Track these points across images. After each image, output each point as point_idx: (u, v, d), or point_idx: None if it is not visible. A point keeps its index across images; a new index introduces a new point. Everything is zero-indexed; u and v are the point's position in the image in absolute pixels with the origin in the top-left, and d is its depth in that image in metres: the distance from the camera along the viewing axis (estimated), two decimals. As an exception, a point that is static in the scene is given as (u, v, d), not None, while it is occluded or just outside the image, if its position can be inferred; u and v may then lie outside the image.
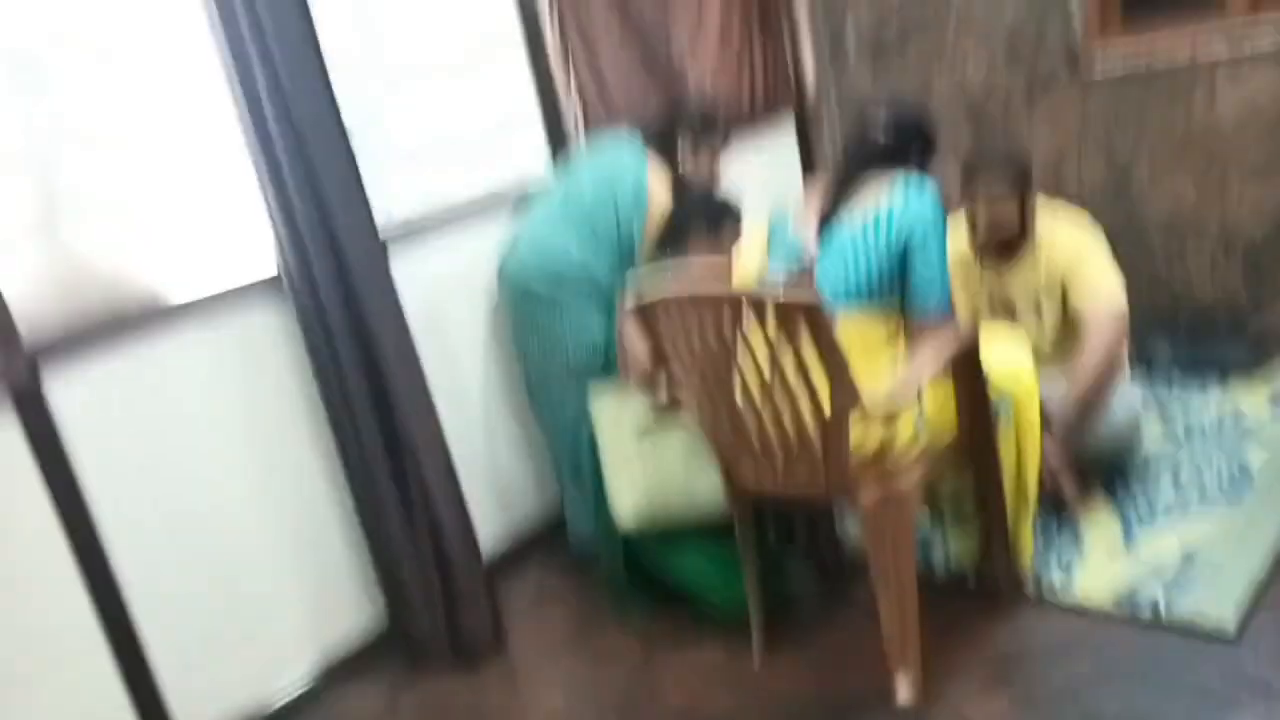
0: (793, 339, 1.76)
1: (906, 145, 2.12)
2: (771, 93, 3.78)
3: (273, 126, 2.09)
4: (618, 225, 2.60)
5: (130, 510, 2.11)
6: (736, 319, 1.79)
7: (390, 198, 2.61)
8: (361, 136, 2.48)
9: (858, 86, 3.87)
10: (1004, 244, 2.58)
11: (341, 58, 2.35)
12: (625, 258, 2.61)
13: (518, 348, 2.78)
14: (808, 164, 4.01)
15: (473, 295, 2.81)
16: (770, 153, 3.86)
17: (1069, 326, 2.57)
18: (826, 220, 2.04)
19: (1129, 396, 2.59)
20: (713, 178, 2.78)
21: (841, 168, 2.10)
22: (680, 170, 2.69)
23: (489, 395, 2.88)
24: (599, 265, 2.60)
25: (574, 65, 3.02)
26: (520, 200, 2.86)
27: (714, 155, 2.77)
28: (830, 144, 3.98)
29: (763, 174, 3.78)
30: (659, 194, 2.62)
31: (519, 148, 2.99)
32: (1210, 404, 2.95)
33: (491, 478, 2.88)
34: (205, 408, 2.26)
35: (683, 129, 2.72)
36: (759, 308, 1.75)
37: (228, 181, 2.28)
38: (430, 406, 2.36)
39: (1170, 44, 3.14)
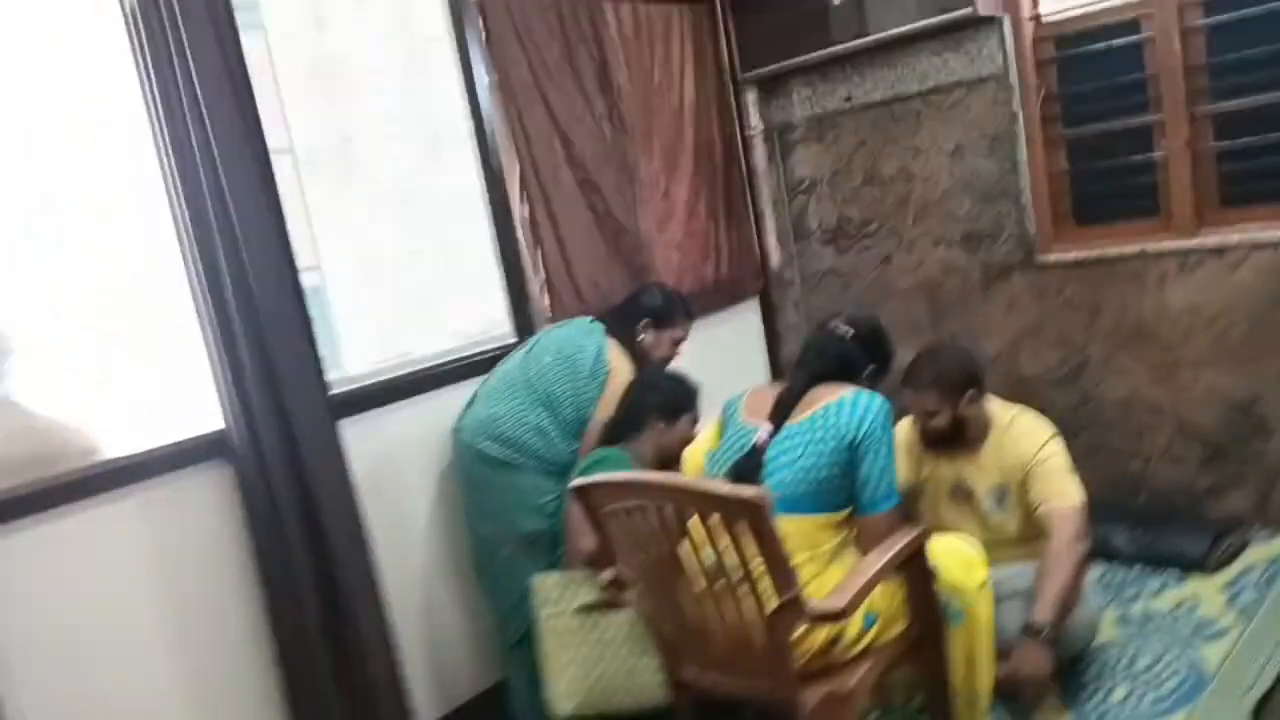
0: (735, 534, 1.74)
1: (861, 365, 2.20)
2: (736, 272, 3.89)
3: (226, 279, 2.11)
4: (574, 396, 2.62)
5: (43, 688, 2.01)
6: (680, 510, 1.78)
7: (349, 354, 2.64)
8: (324, 291, 2.53)
9: (821, 266, 3.99)
10: (949, 441, 2.60)
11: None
12: (580, 430, 2.62)
13: (467, 510, 2.74)
14: (772, 340, 4.09)
15: (427, 457, 2.78)
16: (734, 330, 3.94)
17: (1030, 520, 2.56)
18: (779, 421, 2.06)
19: (1087, 591, 2.56)
20: (664, 360, 2.83)
21: (796, 378, 2.14)
22: (639, 352, 2.74)
23: (437, 561, 2.81)
24: (554, 434, 2.60)
25: (540, 240, 3.10)
26: (480, 365, 2.89)
27: (673, 342, 2.84)
28: (795, 319, 4.07)
29: (727, 350, 3.86)
30: (619, 370, 2.66)
31: (482, 316, 3.03)
32: (1167, 593, 2.92)
33: (432, 647, 2.78)
34: (135, 574, 2.19)
35: (644, 314, 2.78)
36: (701, 501, 1.74)
37: (176, 332, 2.27)
38: (373, 579, 2.31)
39: (1120, 242, 3.27)
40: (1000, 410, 2.64)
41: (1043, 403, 3.42)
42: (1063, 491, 2.46)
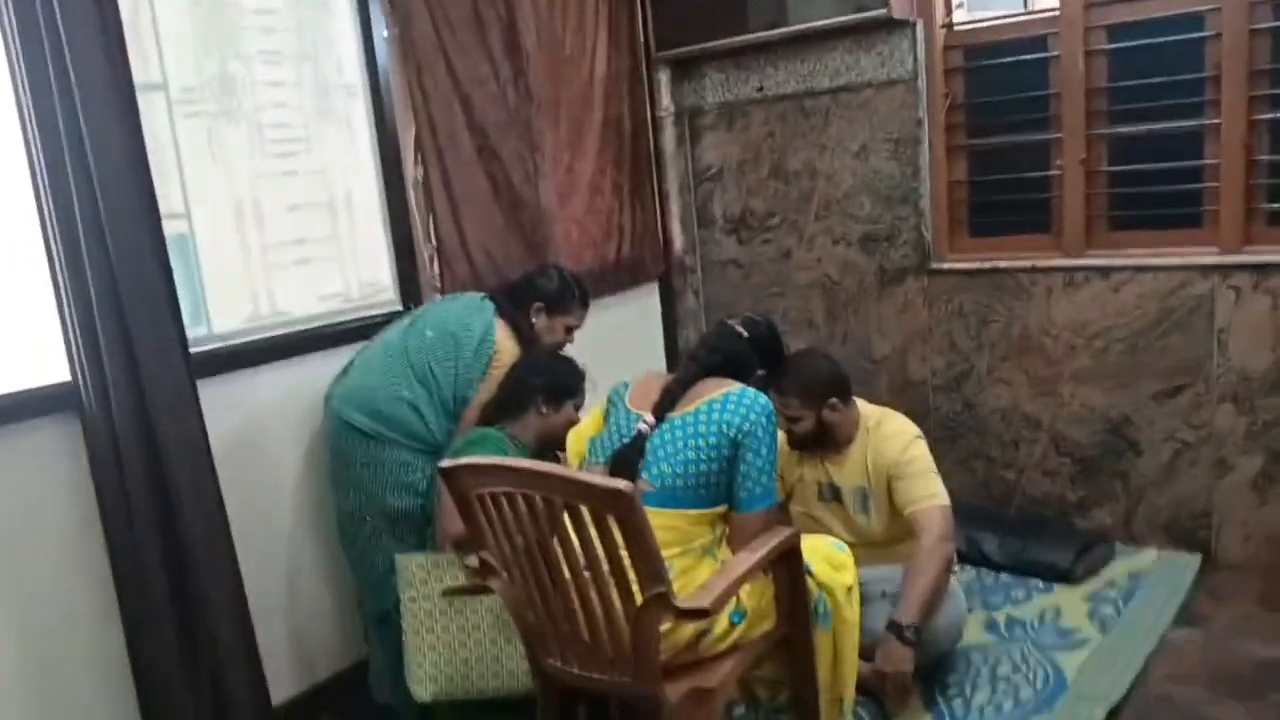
0: (603, 525, 1.68)
1: (751, 366, 2.19)
2: (638, 254, 3.82)
3: (79, 220, 1.94)
4: (455, 375, 2.51)
5: None
6: (549, 498, 1.71)
7: (217, 310, 2.48)
8: (192, 241, 2.37)
9: (722, 255, 3.96)
10: (813, 444, 2.62)
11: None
12: (458, 411, 2.51)
13: (333, 482, 2.60)
14: (670, 326, 4.05)
15: (296, 424, 2.65)
16: (633, 312, 3.88)
17: (896, 521, 2.59)
18: (663, 411, 2.01)
19: (954, 595, 2.59)
20: (555, 346, 2.74)
21: (686, 370, 2.10)
22: (528, 334, 2.64)
23: (301, 532, 2.68)
24: (428, 411, 2.49)
25: (433, 205, 2.98)
26: (360, 330, 2.75)
27: (565, 329, 2.75)
28: (694, 306, 4.04)
29: (624, 333, 3.80)
30: (505, 351, 2.55)
31: (365, 279, 2.90)
32: (1032, 601, 2.99)
33: (292, 621, 2.66)
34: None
35: (538, 295, 2.69)
36: (569, 490, 1.68)
37: (26, 273, 2.09)
38: (226, 549, 2.19)
39: (1011, 255, 3.33)
40: (867, 412, 2.67)
41: (926, 407, 3.50)
42: (929, 493, 2.50)
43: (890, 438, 2.59)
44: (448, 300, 2.76)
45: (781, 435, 2.68)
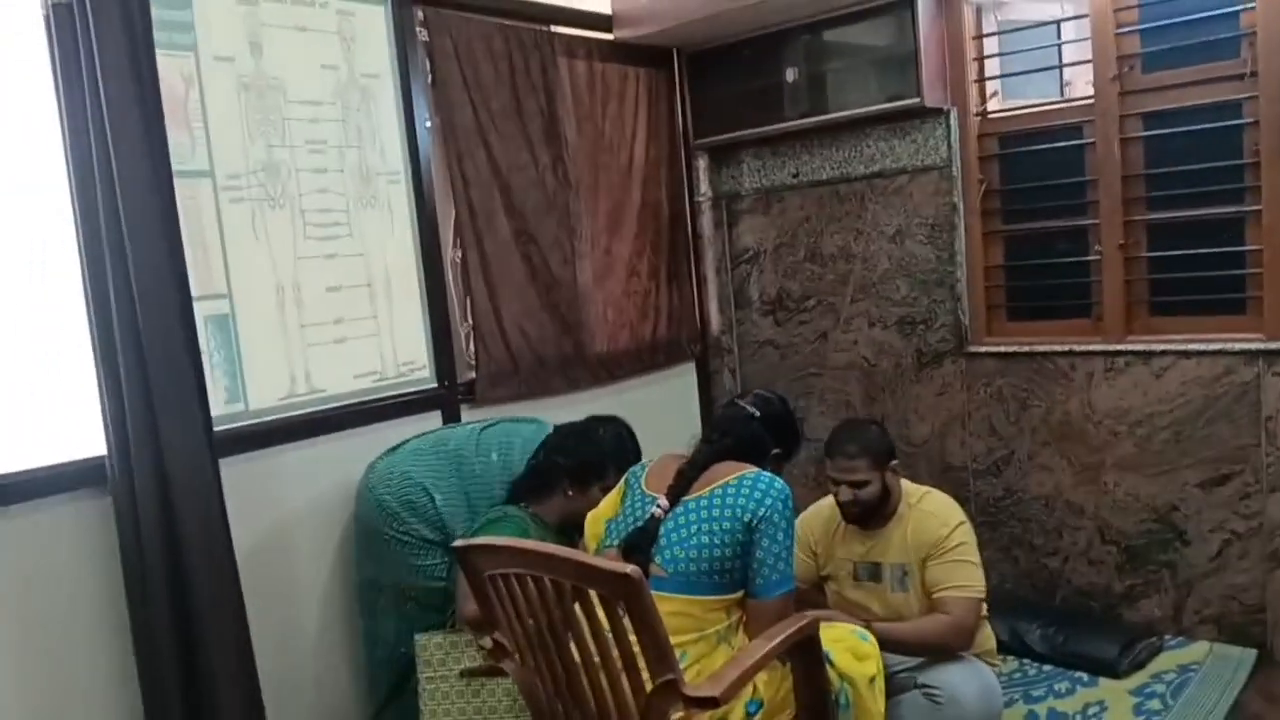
0: (612, 610, 1.67)
1: (766, 446, 2.17)
2: (674, 335, 3.86)
3: (112, 300, 2.03)
4: (491, 499, 2.56)
5: None
6: (557, 580, 1.71)
7: (256, 387, 2.55)
8: (232, 320, 2.46)
9: (759, 336, 3.98)
10: (871, 514, 2.56)
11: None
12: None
13: (358, 551, 2.65)
14: (706, 406, 4.05)
15: (324, 502, 2.68)
16: (668, 392, 3.89)
17: (930, 603, 2.53)
18: (678, 494, 2.00)
19: (990, 687, 2.50)
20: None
21: (700, 453, 2.09)
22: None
23: (321, 612, 2.70)
24: (455, 516, 2.53)
25: (470, 286, 3.05)
26: (394, 408, 2.81)
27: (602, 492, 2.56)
28: (731, 387, 4.04)
29: (659, 413, 3.80)
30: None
31: (402, 359, 2.95)
32: (1075, 694, 2.88)
33: (305, 705, 2.65)
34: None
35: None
36: (578, 573, 1.67)
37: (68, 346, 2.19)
38: (238, 630, 2.20)
39: (1050, 339, 3.29)
40: (909, 488, 2.62)
41: (967, 492, 3.44)
42: (962, 582, 2.43)
43: (932, 515, 2.53)
44: (522, 424, 2.82)
45: (826, 510, 2.67)
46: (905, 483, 2.65)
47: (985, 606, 2.64)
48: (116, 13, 2.06)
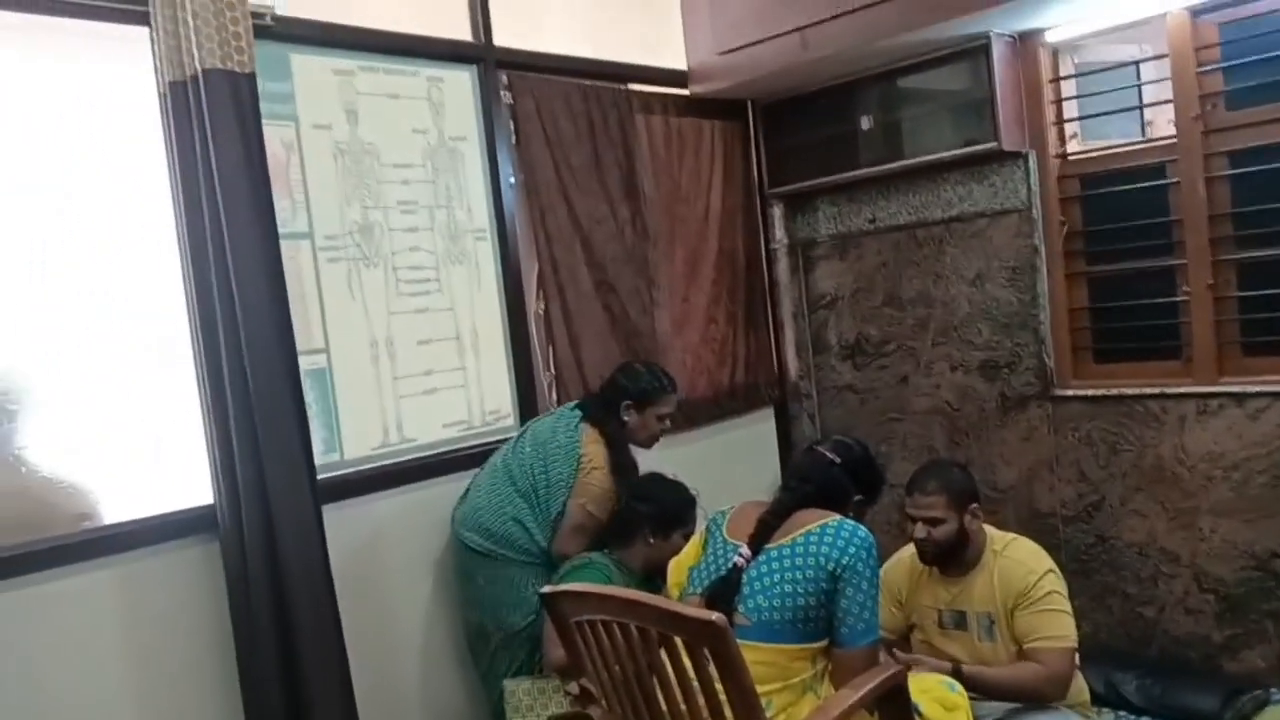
0: (697, 656, 1.69)
1: (848, 492, 2.16)
2: (752, 380, 3.88)
3: (223, 358, 2.16)
4: (548, 487, 2.61)
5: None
6: (643, 627, 1.74)
7: (351, 438, 2.66)
8: (329, 374, 2.57)
9: (838, 381, 3.98)
10: (949, 556, 2.53)
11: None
12: (556, 522, 2.60)
13: (461, 601, 2.73)
14: (785, 452, 4.06)
15: (418, 546, 2.78)
16: (748, 438, 3.91)
17: (1020, 653, 2.47)
18: (760, 542, 2.02)
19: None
20: (652, 438, 2.80)
21: (780, 502, 2.09)
22: (622, 434, 2.72)
23: (416, 653, 2.77)
24: (533, 525, 2.60)
25: (553, 336, 3.14)
26: (481, 456, 2.89)
27: (658, 419, 2.79)
28: (810, 432, 4.04)
29: (739, 459, 3.83)
30: (592, 456, 2.63)
31: (488, 408, 3.04)
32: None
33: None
34: (111, 645, 2.18)
35: (623, 394, 2.75)
36: (663, 620, 1.70)
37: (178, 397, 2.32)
38: (339, 673, 2.27)
39: (1139, 382, 3.23)
40: (994, 536, 2.57)
41: (1057, 539, 3.38)
42: (1057, 633, 2.37)
43: (1020, 563, 2.47)
44: (545, 416, 2.87)
45: (907, 559, 2.64)
46: (991, 530, 2.60)
47: (1077, 656, 2.59)
48: (227, 87, 2.21)
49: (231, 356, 2.15)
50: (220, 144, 2.18)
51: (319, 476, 2.44)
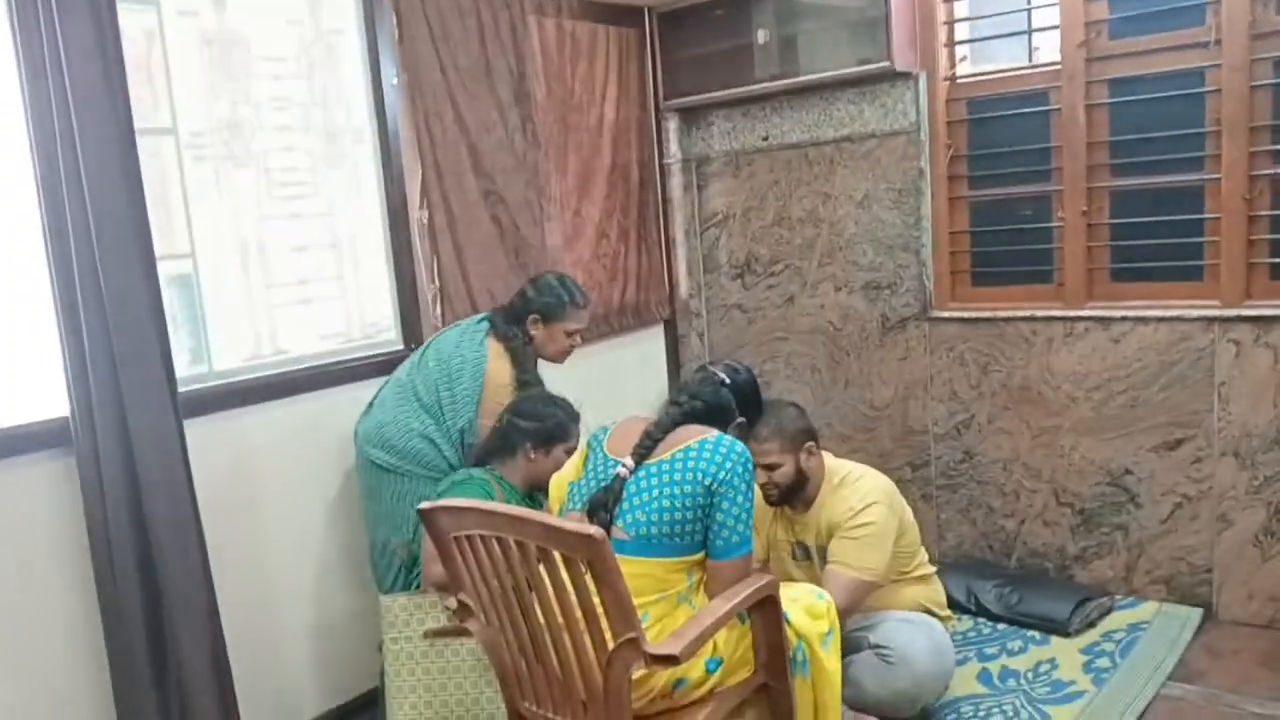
0: (576, 570, 1.70)
1: (730, 414, 2.18)
2: (643, 297, 3.87)
3: (74, 260, 2.01)
4: (453, 402, 2.57)
5: None
6: (521, 541, 1.74)
7: (220, 349, 2.54)
8: (196, 280, 2.44)
9: (727, 300, 4.00)
10: (791, 495, 2.59)
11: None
12: (465, 438, 2.56)
13: (365, 518, 2.68)
14: (674, 369, 4.08)
15: (295, 462, 2.69)
16: (637, 355, 3.92)
17: None
18: (641, 457, 2.02)
19: (942, 647, 2.57)
20: (561, 353, 2.77)
21: (666, 415, 2.09)
22: (527, 350, 2.68)
23: (290, 571, 2.72)
24: (442, 441, 2.56)
25: (437, 247, 3.04)
26: (361, 369, 2.82)
27: (565, 335, 2.75)
28: (699, 349, 4.07)
29: (628, 375, 3.83)
30: (496, 372, 2.60)
31: (367, 319, 2.95)
32: (1027, 653, 2.96)
33: (274, 667, 2.68)
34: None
35: (531, 308, 2.71)
36: (542, 534, 1.70)
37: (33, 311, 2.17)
38: (204, 591, 2.21)
39: (1012, 305, 3.34)
40: (836, 469, 2.63)
41: (927, 455, 3.51)
42: (854, 562, 2.44)
43: (845, 498, 2.54)
44: (449, 329, 2.80)
45: (758, 494, 2.68)
46: (833, 463, 2.64)
47: (929, 565, 2.72)
48: (75, -36, 2.02)
49: (83, 259, 2.00)
50: (69, 29, 1.99)
51: (184, 389, 2.34)
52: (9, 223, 2.15)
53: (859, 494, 2.53)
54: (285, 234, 2.69)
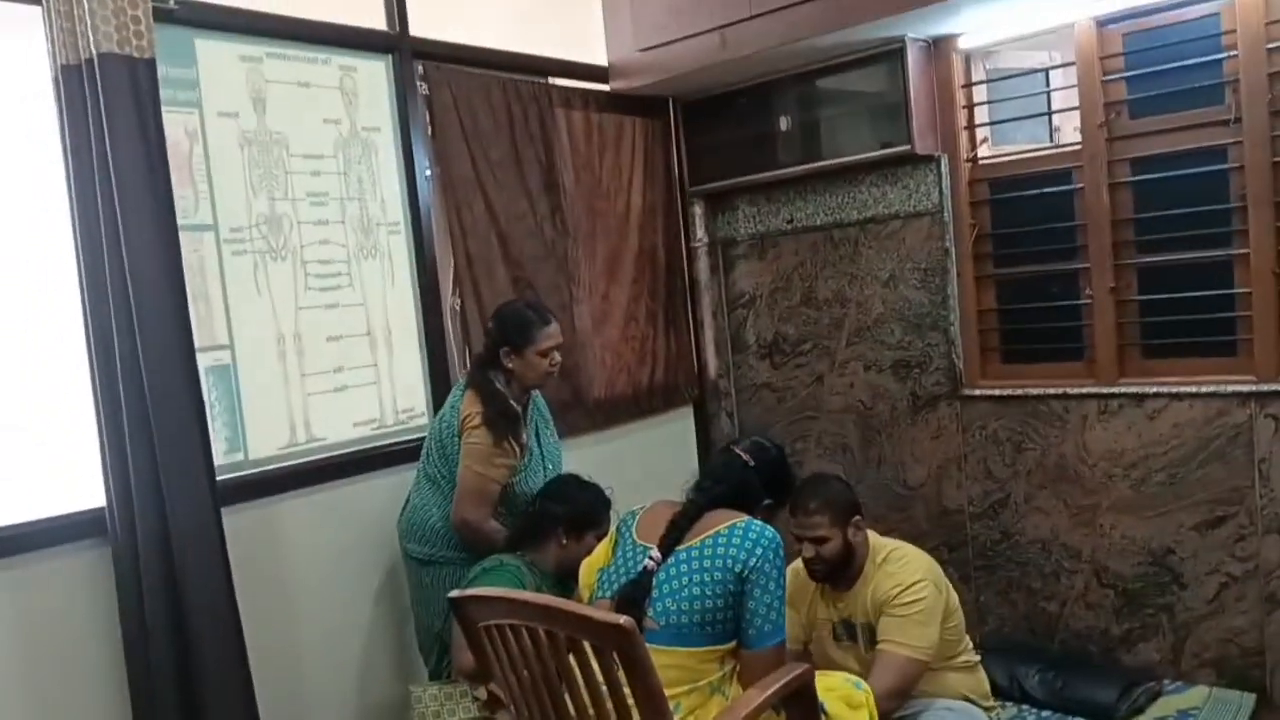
0: (605, 660, 1.68)
1: (758, 495, 2.16)
2: (672, 379, 3.89)
3: (117, 354, 2.07)
4: (449, 470, 2.57)
5: None
6: (551, 631, 1.72)
7: (256, 437, 2.58)
8: (233, 371, 2.51)
9: (756, 379, 4.01)
10: (837, 571, 2.55)
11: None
12: None
13: (410, 602, 2.70)
14: (704, 449, 4.07)
15: (327, 548, 2.71)
16: (667, 436, 3.92)
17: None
18: (670, 543, 2.01)
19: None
20: (544, 376, 2.68)
21: (692, 503, 2.08)
22: (493, 386, 2.61)
23: (337, 652, 2.71)
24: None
25: (468, 333, 3.09)
26: (395, 455, 2.86)
27: (540, 356, 2.63)
28: (729, 430, 4.07)
29: (657, 457, 3.83)
30: (471, 415, 2.55)
31: (401, 407, 2.98)
32: (1076, 742, 2.88)
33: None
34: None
35: (500, 343, 2.63)
36: (571, 624, 1.69)
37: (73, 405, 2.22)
38: (241, 680, 2.20)
39: (1044, 383, 3.32)
40: (877, 545, 2.60)
41: (963, 536, 3.45)
42: (905, 641, 2.40)
43: (893, 574, 2.50)
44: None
45: (802, 571, 2.66)
46: (876, 540, 2.62)
47: (974, 652, 2.66)
48: (124, 73, 2.12)
49: (125, 352, 2.06)
50: (116, 132, 2.09)
51: (222, 477, 2.37)
52: (54, 312, 2.22)
53: (907, 570, 2.49)
54: (321, 324, 2.75)
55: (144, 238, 2.08)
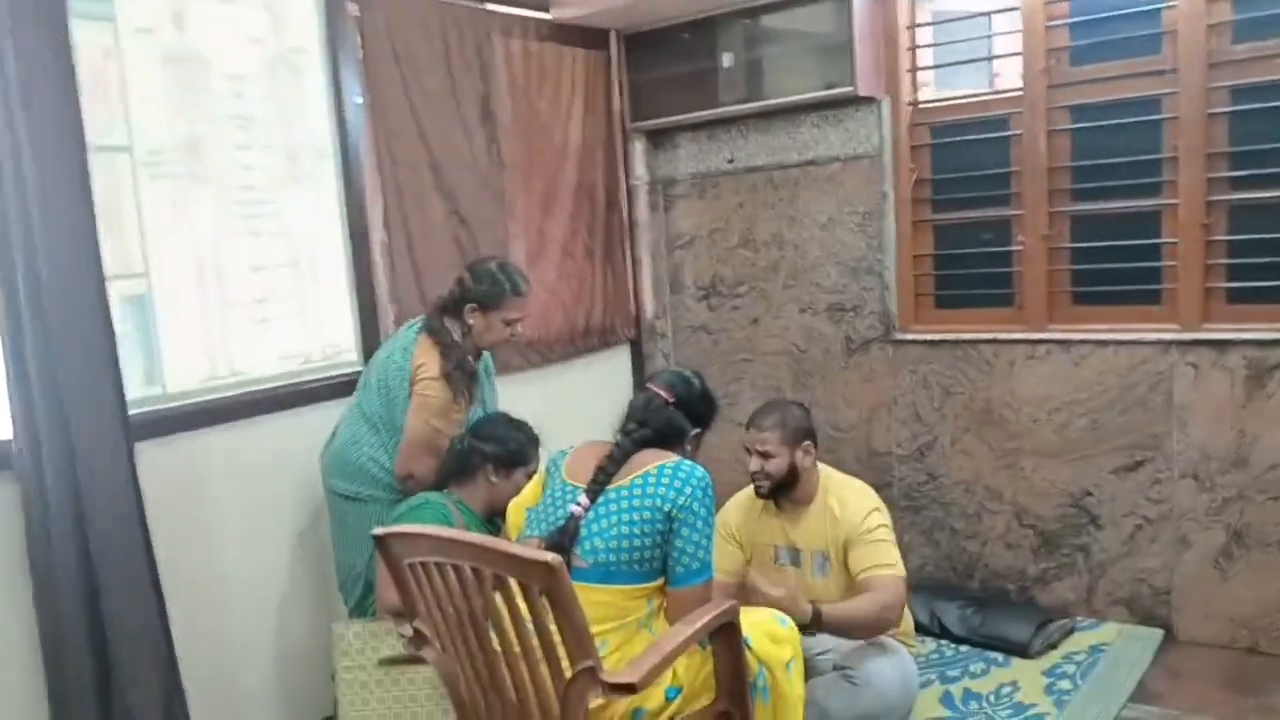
0: (531, 596, 1.67)
1: (684, 429, 2.15)
2: (608, 318, 3.85)
3: (19, 280, 1.97)
4: (389, 409, 2.52)
5: None
6: (477, 568, 1.71)
7: (174, 370, 2.49)
8: (149, 300, 2.40)
9: (693, 321, 4.00)
10: (781, 491, 2.61)
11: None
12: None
13: (331, 540, 2.64)
14: (640, 388, 4.05)
15: (251, 485, 2.64)
16: (602, 375, 3.90)
17: (853, 586, 2.57)
18: (599, 484, 2.00)
19: (906, 669, 2.56)
20: (501, 342, 2.66)
21: (619, 447, 2.05)
22: (455, 340, 2.57)
23: (258, 589, 2.67)
24: (385, 459, 2.51)
25: (396, 267, 3.01)
26: (320, 391, 2.78)
27: (505, 324, 2.61)
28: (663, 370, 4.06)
29: (593, 396, 3.81)
30: (426, 367, 2.50)
31: (327, 340, 2.91)
32: (989, 675, 2.96)
33: (225, 689, 2.62)
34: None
35: (468, 298, 2.59)
36: (498, 562, 1.67)
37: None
38: (157, 622, 2.14)
39: (975, 327, 3.36)
40: (827, 474, 2.68)
41: (890, 477, 3.51)
42: (887, 562, 2.49)
43: (850, 502, 2.58)
44: (387, 341, 2.74)
45: (744, 498, 2.70)
46: (825, 470, 2.69)
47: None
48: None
49: (29, 276, 1.95)
50: (20, 39, 1.96)
51: (137, 411, 2.29)
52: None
53: (865, 501, 2.59)
54: (244, 253, 2.65)
55: (48, 155, 1.96)
